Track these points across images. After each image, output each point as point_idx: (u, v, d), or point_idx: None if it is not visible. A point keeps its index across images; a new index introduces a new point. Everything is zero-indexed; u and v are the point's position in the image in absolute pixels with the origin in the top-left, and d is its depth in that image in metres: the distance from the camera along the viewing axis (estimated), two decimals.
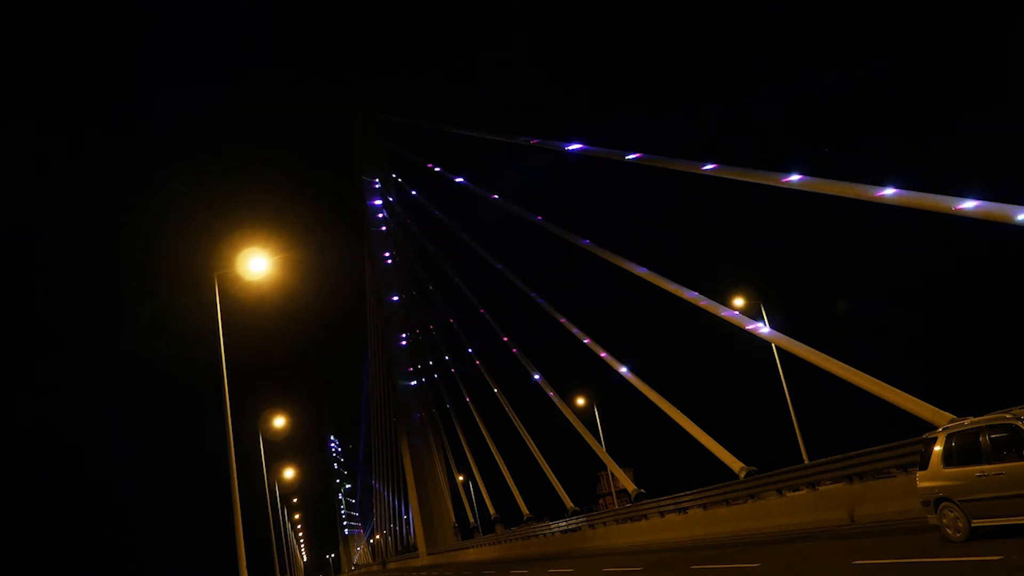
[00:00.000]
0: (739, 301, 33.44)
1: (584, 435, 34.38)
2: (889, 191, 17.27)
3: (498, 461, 46.49)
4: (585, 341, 31.77)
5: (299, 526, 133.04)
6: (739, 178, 21.79)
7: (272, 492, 52.00)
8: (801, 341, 21.10)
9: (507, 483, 45.71)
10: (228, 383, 20.29)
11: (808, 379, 25.45)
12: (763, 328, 22.70)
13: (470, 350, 50.28)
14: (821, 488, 20.57)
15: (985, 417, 11.57)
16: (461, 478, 60.72)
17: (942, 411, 16.17)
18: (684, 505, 26.52)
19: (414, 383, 65.88)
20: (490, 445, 47.52)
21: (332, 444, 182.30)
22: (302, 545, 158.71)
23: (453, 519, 61.77)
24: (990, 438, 11.15)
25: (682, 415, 26.04)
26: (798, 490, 21.58)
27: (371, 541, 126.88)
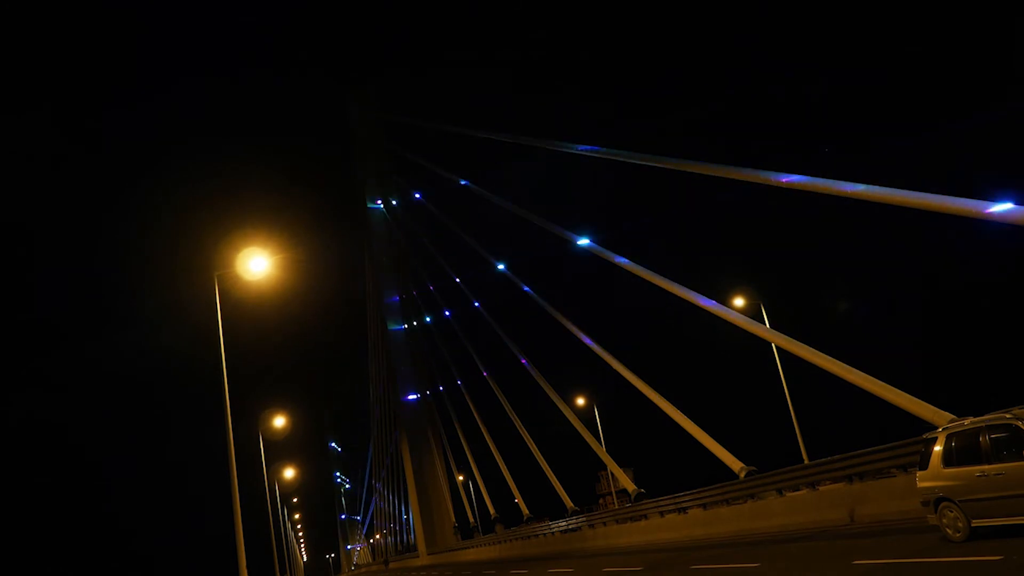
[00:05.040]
0: (739, 301, 33.44)
1: (584, 435, 34.38)
2: (889, 191, 17.27)
3: (498, 461, 46.50)
4: (585, 341, 31.78)
5: (299, 526, 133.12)
6: (739, 178, 21.79)
7: (272, 492, 52.01)
8: (801, 341, 21.09)
9: (507, 483, 45.74)
10: (228, 383, 20.29)
11: (808, 379, 25.47)
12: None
13: (470, 350, 50.30)
14: (821, 488, 20.57)
15: (985, 417, 11.57)
16: (461, 478, 60.72)
17: (942, 411, 16.16)
18: (684, 505, 26.52)
19: (414, 383, 65.87)
20: (490, 445, 47.52)
21: (332, 444, 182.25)
22: (302, 545, 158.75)
23: (453, 519, 61.77)
24: (990, 438, 11.15)
25: (682, 415, 26.04)
26: (798, 490, 21.58)
27: (371, 541, 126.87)
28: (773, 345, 29.05)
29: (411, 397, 65.16)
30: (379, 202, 68.52)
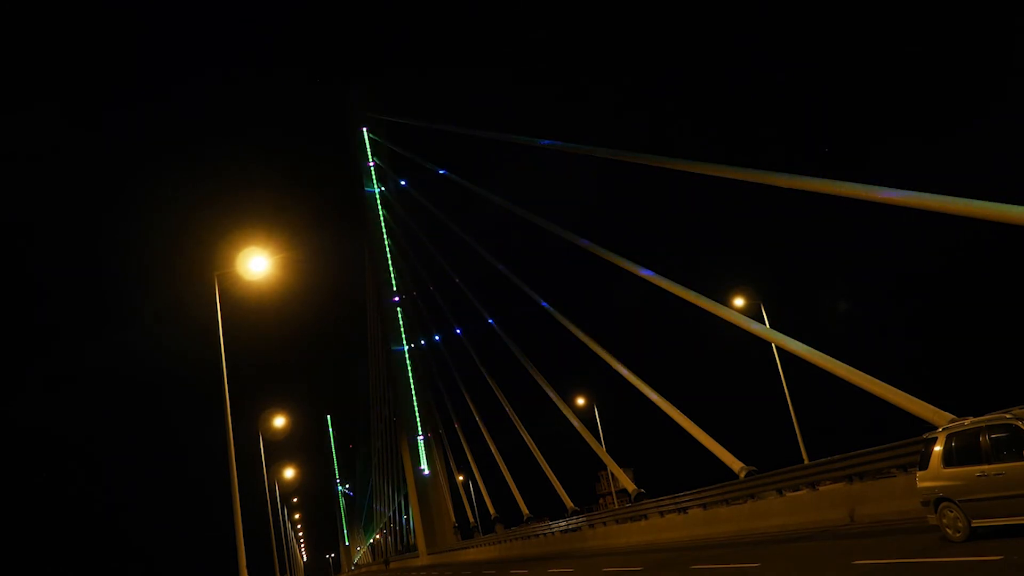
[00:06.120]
0: (739, 301, 33.42)
1: (584, 435, 34.37)
2: (889, 191, 17.26)
3: (498, 461, 46.49)
4: (585, 341, 31.75)
5: (299, 526, 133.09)
6: (739, 178, 21.78)
7: (272, 492, 51.99)
8: (801, 341, 21.09)
9: (507, 483, 45.71)
10: (228, 383, 20.28)
11: (808, 379, 25.48)
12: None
13: (470, 349, 50.30)
14: (821, 488, 20.56)
15: (985, 417, 11.56)
16: (461, 478, 60.72)
17: (942, 411, 16.16)
18: (684, 505, 26.51)
19: (414, 382, 65.88)
20: (490, 445, 47.51)
21: (332, 444, 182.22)
22: (302, 545, 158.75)
23: (453, 519, 61.76)
24: (990, 438, 11.14)
25: (682, 415, 26.03)
26: (798, 490, 21.57)
27: (371, 541, 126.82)
28: (773, 345, 29.03)
29: (411, 396, 65.14)
30: (379, 202, 68.51)
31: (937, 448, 12.32)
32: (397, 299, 67.92)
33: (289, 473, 61.56)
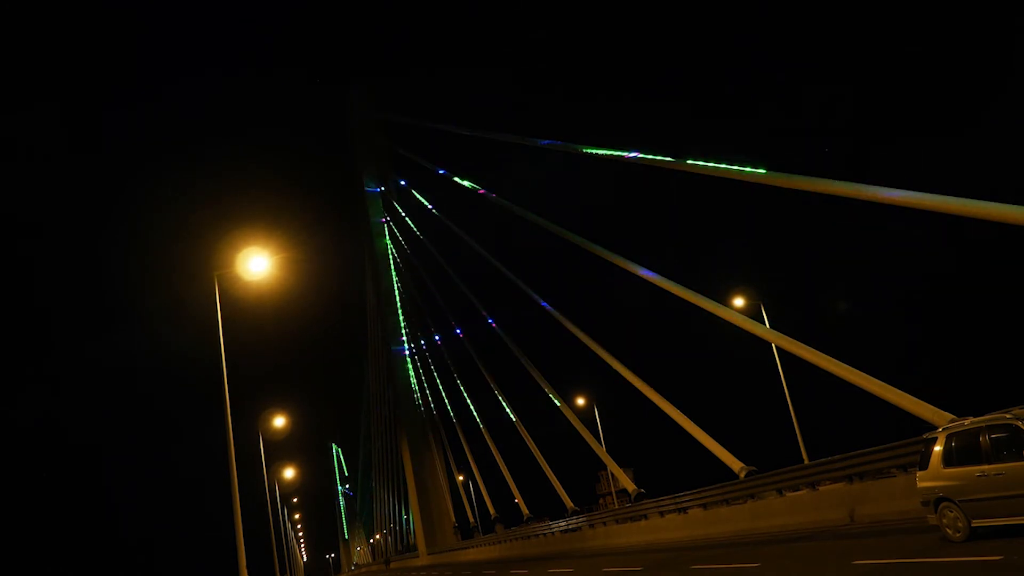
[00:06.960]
0: (739, 301, 33.42)
1: (584, 435, 34.35)
2: (890, 191, 17.27)
3: (498, 461, 46.47)
4: (585, 341, 31.73)
5: (299, 526, 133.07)
6: (740, 178, 21.78)
7: (272, 492, 51.99)
8: (801, 341, 21.09)
9: (507, 483, 45.71)
10: (228, 383, 20.27)
11: (808, 379, 25.48)
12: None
13: (470, 350, 50.27)
14: (821, 488, 20.56)
15: (985, 417, 11.55)
16: (461, 478, 60.69)
17: (942, 411, 16.16)
18: (684, 505, 26.51)
19: (414, 382, 65.85)
20: (490, 445, 47.49)
21: (332, 444, 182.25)
22: (302, 545, 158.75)
23: (453, 519, 61.73)
24: (990, 438, 11.14)
25: (682, 415, 26.03)
26: (798, 490, 21.58)
27: (371, 541, 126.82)
28: (773, 345, 29.03)
29: (411, 396, 65.11)
30: (380, 202, 68.49)
31: (937, 448, 12.32)
32: (397, 299, 67.89)
33: (289, 473, 61.55)
